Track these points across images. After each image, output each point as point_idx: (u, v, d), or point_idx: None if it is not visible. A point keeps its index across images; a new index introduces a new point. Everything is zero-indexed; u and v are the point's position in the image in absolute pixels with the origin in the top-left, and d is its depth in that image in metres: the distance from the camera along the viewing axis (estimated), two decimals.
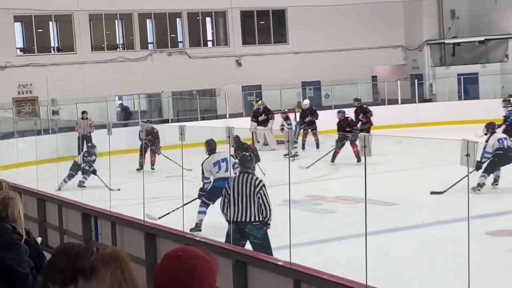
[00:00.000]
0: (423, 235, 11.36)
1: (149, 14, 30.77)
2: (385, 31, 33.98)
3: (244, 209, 8.53)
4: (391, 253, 10.07)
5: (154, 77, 29.75)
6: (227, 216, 8.71)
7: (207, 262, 2.55)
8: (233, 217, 8.52)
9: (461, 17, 34.13)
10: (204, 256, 2.56)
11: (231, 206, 8.54)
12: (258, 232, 8.56)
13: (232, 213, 8.54)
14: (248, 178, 8.65)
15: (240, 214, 8.54)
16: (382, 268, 8.67)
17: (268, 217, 8.56)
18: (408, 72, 34.32)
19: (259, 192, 8.51)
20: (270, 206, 8.58)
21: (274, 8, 32.72)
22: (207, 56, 31.24)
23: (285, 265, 6.11)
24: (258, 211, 8.53)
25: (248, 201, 8.52)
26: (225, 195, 8.73)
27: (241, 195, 8.54)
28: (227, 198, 8.67)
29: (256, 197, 8.50)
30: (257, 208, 8.52)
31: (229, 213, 8.59)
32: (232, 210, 8.54)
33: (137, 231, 8.14)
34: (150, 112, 31.60)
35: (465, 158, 4.50)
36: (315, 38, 32.41)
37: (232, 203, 8.53)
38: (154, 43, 31.39)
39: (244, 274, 6.43)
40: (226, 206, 8.69)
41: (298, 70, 32.00)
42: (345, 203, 13.50)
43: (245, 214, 8.54)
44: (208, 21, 32.67)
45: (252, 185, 8.57)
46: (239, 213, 8.54)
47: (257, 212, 8.53)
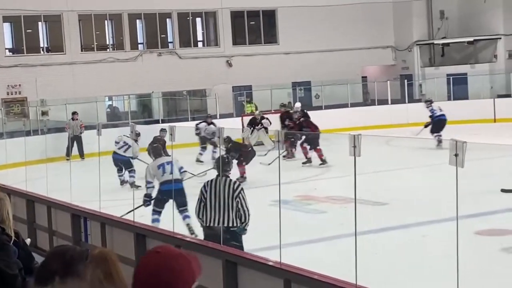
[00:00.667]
0: (413, 234, 11.39)
1: (139, 14, 30.73)
2: (375, 31, 34.06)
3: (222, 214, 8.14)
4: (381, 252, 10.09)
5: (144, 78, 29.71)
6: (203, 221, 8.35)
7: (187, 261, 2.54)
8: (209, 222, 8.21)
9: (450, 18, 34.25)
10: (183, 254, 2.55)
11: (207, 211, 8.21)
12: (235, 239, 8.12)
13: (208, 217, 8.23)
14: (226, 181, 8.27)
15: (217, 219, 8.15)
16: (372, 268, 8.69)
17: (246, 222, 8.18)
18: (397, 73, 34.41)
19: (238, 196, 8.13)
20: (249, 210, 8.19)
21: (264, 9, 32.74)
22: (197, 56, 31.22)
23: (275, 265, 6.10)
24: (236, 215, 8.15)
25: (226, 205, 8.14)
26: (201, 199, 8.31)
27: (218, 199, 8.17)
28: (203, 202, 8.27)
29: (234, 201, 8.12)
30: (235, 212, 8.14)
31: (205, 218, 8.27)
32: (208, 214, 8.22)
33: (127, 232, 8.12)
34: (140, 113, 31.56)
35: (454, 158, 4.51)
36: (305, 39, 32.45)
37: (209, 207, 8.20)
38: (144, 43, 31.35)
39: (234, 275, 6.42)
40: (202, 210, 8.31)
41: (288, 71, 32.03)
42: (335, 203, 13.53)
43: (222, 218, 8.14)
44: (198, 21, 32.66)
45: (230, 188, 8.19)
46: (216, 218, 8.17)
47: (235, 216, 8.16)
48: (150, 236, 7.78)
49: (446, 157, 4.63)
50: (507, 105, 28.50)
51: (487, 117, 28.12)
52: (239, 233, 8.24)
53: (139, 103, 32.20)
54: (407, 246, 10.65)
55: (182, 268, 2.49)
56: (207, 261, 6.85)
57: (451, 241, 5.11)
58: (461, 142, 4.48)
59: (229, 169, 8.64)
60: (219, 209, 8.14)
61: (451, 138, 4.53)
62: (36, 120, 25.21)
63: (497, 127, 26.21)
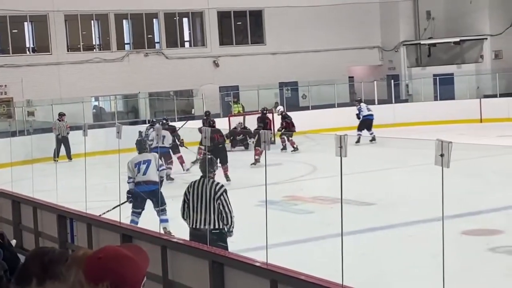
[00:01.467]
0: (400, 234, 11.42)
1: (125, 14, 30.64)
2: (362, 32, 34.12)
3: (203, 215, 8.00)
4: (368, 252, 10.10)
5: (130, 78, 29.64)
6: (188, 222, 8.25)
7: (132, 261, 2.49)
8: (193, 224, 8.11)
9: (437, 18, 34.37)
10: (127, 255, 2.50)
11: (191, 212, 8.12)
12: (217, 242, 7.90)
13: (192, 219, 8.13)
14: (208, 183, 8.06)
15: (199, 221, 8.04)
16: (358, 268, 8.69)
17: (229, 224, 8.03)
18: (384, 73, 34.49)
19: (220, 198, 7.97)
20: (232, 213, 8.03)
21: (251, 9, 32.73)
22: (184, 56, 31.16)
23: (262, 265, 6.09)
24: (218, 217, 7.99)
25: (207, 207, 7.99)
26: (185, 200, 8.21)
27: (200, 200, 8.04)
28: (186, 203, 8.18)
29: (216, 203, 7.97)
30: (217, 214, 7.98)
31: (189, 219, 8.18)
32: (191, 216, 8.12)
33: (113, 233, 8.08)
34: (126, 113, 31.47)
35: (440, 158, 4.51)
36: (292, 39, 32.47)
37: (192, 209, 8.10)
38: (130, 43, 31.27)
39: (221, 275, 6.41)
40: (186, 211, 8.22)
41: (275, 71, 32.04)
42: (322, 203, 13.54)
43: (204, 220, 7.99)
44: (185, 21, 32.61)
45: (212, 190, 8.03)
46: (198, 220, 8.05)
47: (217, 218, 7.99)
48: (136, 237, 7.75)
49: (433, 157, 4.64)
50: (493, 105, 28.64)
51: (473, 117, 28.25)
52: (226, 235, 8.13)
53: (125, 103, 32.11)
54: (393, 246, 10.67)
55: (126, 271, 2.45)
56: (194, 261, 6.84)
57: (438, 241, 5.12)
58: (447, 142, 4.48)
59: (212, 170, 8.44)
60: (201, 211, 8.02)
61: (437, 138, 4.53)
62: (22, 121, 25.10)
63: (483, 127, 26.33)
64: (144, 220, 10.83)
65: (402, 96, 33.27)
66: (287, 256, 9.32)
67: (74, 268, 2.68)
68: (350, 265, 5.53)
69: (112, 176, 17.47)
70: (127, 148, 17.28)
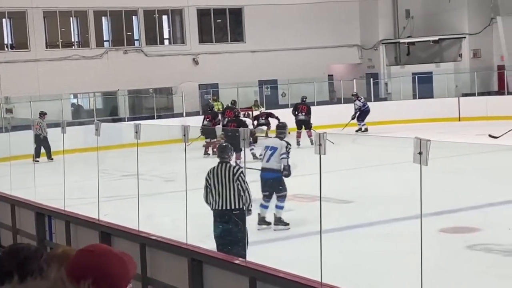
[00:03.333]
0: (378, 232, 11.47)
1: (104, 11, 30.50)
2: (341, 30, 34.20)
3: (225, 197, 8.80)
4: (347, 250, 10.14)
5: (110, 75, 29.51)
6: (211, 205, 9.00)
7: (122, 260, 2.49)
8: (215, 206, 8.87)
9: (416, 17, 34.53)
10: (116, 253, 2.51)
11: (213, 196, 8.88)
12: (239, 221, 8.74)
13: (214, 202, 8.88)
14: (226, 167, 8.93)
15: (222, 203, 8.82)
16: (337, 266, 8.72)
17: (248, 202, 8.83)
18: (363, 71, 34.61)
19: (238, 179, 8.76)
20: (250, 191, 8.84)
21: (230, 7, 32.70)
22: (163, 54, 31.08)
23: (241, 263, 6.10)
24: (238, 197, 8.77)
25: (228, 188, 8.79)
26: (206, 185, 8.98)
27: (221, 183, 8.83)
28: (208, 188, 8.94)
29: (235, 183, 8.76)
30: (238, 194, 8.76)
31: (212, 202, 8.91)
32: (213, 199, 8.88)
33: (92, 231, 8.06)
34: (105, 111, 31.31)
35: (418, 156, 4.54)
36: (272, 37, 32.49)
37: (214, 192, 8.86)
38: (110, 40, 31.13)
39: (200, 273, 6.41)
40: (208, 196, 8.97)
41: (255, 69, 32.04)
42: (301, 201, 13.55)
43: (226, 202, 8.80)
44: (165, 19, 32.53)
45: (230, 172, 8.86)
46: (221, 202, 8.83)
47: (238, 198, 8.77)
48: (115, 234, 7.73)
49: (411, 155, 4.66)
50: (471, 104, 28.83)
51: (452, 115, 28.43)
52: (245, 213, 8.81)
53: (104, 101, 31.96)
54: (372, 243, 10.71)
55: (115, 267, 2.45)
56: (173, 259, 6.83)
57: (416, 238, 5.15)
58: (425, 140, 4.51)
59: (227, 156, 9.10)
60: (223, 193, 8.81)
61: (415, 136, 4.56)
62: (0, 118, 24.90)
63: (461, 126, 26.50)
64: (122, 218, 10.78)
65: (381, 94, 33.40)
66: (266, 254, 9.35)
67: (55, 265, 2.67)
68: (329, 262, 5.55)
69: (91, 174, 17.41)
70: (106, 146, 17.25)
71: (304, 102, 24.43)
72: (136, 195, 8.72)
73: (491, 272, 9.10)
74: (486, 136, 22.01)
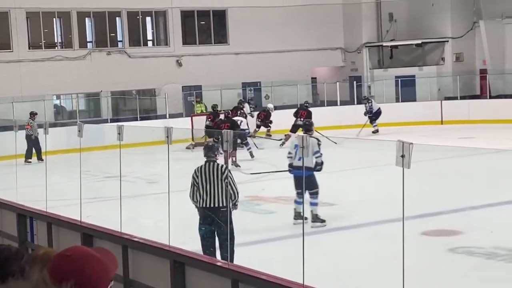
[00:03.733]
0: (361, 234, 11.51)
1: (88, 12, 30.39)
2: (325, 33, 34.27)
3: (213, 195, 9.00)
4: (329, 252, 10.16)
5: (93, 76, 29.39)
6: (197, 203, 9.15)
7: (100, 261, 2.47)
8: (202, 204, 9.05)
9: (399, 21, 34.68)
10: (95, 255, 2.48)
11: (200, 194, 9.06)
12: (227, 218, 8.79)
13: (201, 200, 9.06)
14: (214, 166, 9.15)
15: (210, 200, 9.01)
16: (319, 268, 8.74)
17: (236, 198, 9.08)
18: (347, 74, 34.71)
19: (227, 177, 8.99)
20: (237, 189, 9.11)
21: (214, 9, 32.68)
22: (147, 55, 31.01)
23: (223, 265, 6.10)
24: (226, 195, 8.98)
25: (216, 187, 9.00)
26: (193, 183, 9.16)
27: (208, 182, 9.03)
28: (195, 186, 9.12)
29: (224, 182, 8.98)
30: (225, 192, 8.97)
31: (199, 200, 9.08)
32: (201, 197, 9.06)
33: (74, 232, 8.02)
34: (88, 112, 31.19)
35: (400, 159, 4.55)
36: (255, 39, 32.50)
37: (201, 191, 9.05)
38: (93, 42, 31.01)
39: (182, 275, 6.39)
40: (195, 194, 9.15)
41: (238, 71, 32.04)
42: (284, 204, 13.57)
43: (214, 199, 9.00)
44: (148, 20, 32.45)
45: (219, 171, 9.09)
46: (208, 200, 9.01)
47: (225, 196, 8.98)
48: (97, 236, 7.70)
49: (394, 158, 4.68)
50: (454, 107, 29.01)
51: (434, 119, 28.58)
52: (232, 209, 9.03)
53: (87, 102, 31.83)
54: (354, 246, 10.75)
55: (94, 270, 2.43)
56: (155, 261, 6.81)
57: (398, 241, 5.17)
58: (408, 143, 4.53)
59: (213, 155, 9.31)
60: (211, 191, 9.01)
61: (398, 139, 4.58)
62: None
63: (444, 129, 26.64)
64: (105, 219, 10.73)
65: None
66: (249, 256, 9.34)
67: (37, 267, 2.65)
68: (311, 265, 5.56)
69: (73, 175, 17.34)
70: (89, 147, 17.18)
71: (304, 108, 24.70)
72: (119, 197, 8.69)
73: (473, 275, 9.15)
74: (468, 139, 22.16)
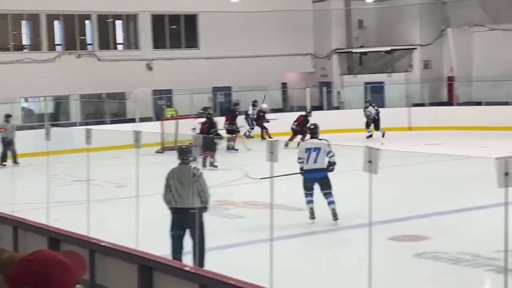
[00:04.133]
0: (329, 239, 11.56)
1: (57, 15, 30.14)
2: (295, 39, 34.37)
3: (184, 197, 9.21)
4: (298, 257, 10.19)
5: (62, 79, 29.13)
6: (170, 204, 9.35)
7: (64, 265, 2.43)
8: (174, 205, 9.27)
9: (369, 27, 34.92)
10: (60, 260, 2.45)
11: (173, 195, 9.27)
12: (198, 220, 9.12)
13: (173, 201, 9.28)
14: (187, 168, 9.37)
15: (181, 202, 9.21)
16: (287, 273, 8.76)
17: (207, 201, 9.30)
18: (317, 80, 34.82)
19: (198, 180, 9.22)
20: (208, 191, 9.31)
21: (185, 13, 32.61)
22: (117, 59, 30.82)
23: (191, 270, 6.09)
24: (197, 197, 9.19)
25: (187, 189, 9.21)
26: (166, 185, 9.35)
27: (181, 184, 9.24)
28: (168, 187, 9.33)
29: (195, 184, 9.18)
30: (197, 194, 9.18)
31: (172, 201, 9.30)
32: (173, 198, 9.27)
33: (41, 236, 7.95)
34: (57, 115, 30.92)
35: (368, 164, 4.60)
36: (226, 44, 32.49)
37: (174, 192, 9.25)
38: (62, 44, 30.75)
39: (150, 280, 6.37)
40: (167, 195, 9.37)
41: (209, 76, 31.97)
42: (253, 208, 13.59)
43: (185, 201, 9.20)
44: (119, 24, 32.28)
45: (191, 174, 9.29)
46: (180, 201, 9.22)
47: (197, 198, 9.19)
48: (64, 240, 7.65)
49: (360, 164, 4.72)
50: (422, 114, 29.26)
51: (403, 125, 28.80)
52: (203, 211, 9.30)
53: (56, 105, 31.55)
54: (322, 250, 10.79)
55: (56, 275, 2.39)
56: (122, 265, 6.78)
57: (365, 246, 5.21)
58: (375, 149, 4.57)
59: (186, 158, 9.53)
60: (183, 193, 9.22)
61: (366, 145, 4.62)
62: None
63: (412, 135, 26.85)
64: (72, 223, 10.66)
65: (334, 103, 33.65)
66: (217, 261, 9.34)
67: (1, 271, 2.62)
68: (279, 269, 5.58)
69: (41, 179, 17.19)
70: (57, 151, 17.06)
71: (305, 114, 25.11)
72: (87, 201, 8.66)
73: (439, 280, 9.24)
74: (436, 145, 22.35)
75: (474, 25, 31.56)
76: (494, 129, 26.93)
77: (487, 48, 31.23)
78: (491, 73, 30.06)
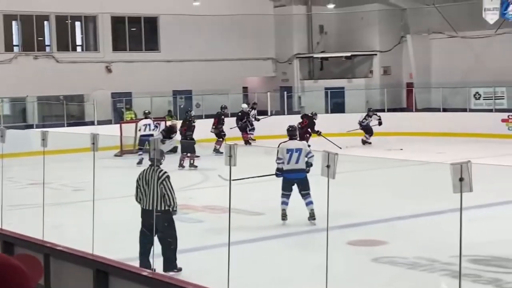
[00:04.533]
0: (287, 244, 11.56)
1: (15, 15, 29.74)
2: (257, 43, 34.42)
3: (151, 199, 9.33)
4: (256, 261, 10.16)
5: (18, 81, 28.71)
6: (141, 205, 9.52)
7: (17, 270, 2.37)
8: (142, 206, 9.47)
9: (330, 33, 35.12)
10: (15, 264, 2.38)
11: (142, 196, 9.45)
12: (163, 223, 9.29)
13: (142, 202, 9.46)
14: (154, 170, 9.41)
15: (148, 203, 9.34)
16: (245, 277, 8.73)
17: (172, 204, 9.35)
18: (278, 84, 34.91)
19: (162, 183, 9.27)
20: (174, 195, 9.35)
21: (146, 15, 32.44)
22: (75, 61, 30.52)
23: (149, 275, 6.02)
24: (162, 200, 9.30)
25: (153, 191, 9.32)
26: (137, 186, 9.54)
27: (148, 185, 9.39)
28: (138, 188, 9.51)
29: (159, 187, 9.27)
30: (161, 197, 9.28)
31: (141, 202, 9.49)
32: (141, 200, 9.48)
33: None
34: (13, 117, 30.47)
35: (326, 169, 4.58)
36: (187, 47, 32.39)
37: (143, 193, 9.43)
38: (19, 45, 30.34)
39: (105, 285, 6.28)
40: (138, 195, 9.54)
41: (169, 79, 31.82)
42: (212, 212, 13.54)
43: (152, 203, 9.30)
44: (78, 25, 31.95)
45: (156, 176, 9.34)
46: (147, 202, 9.36)
47: (162, 201, 9.30)
48: (18, 244, 7.51)
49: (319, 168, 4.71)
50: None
51: None
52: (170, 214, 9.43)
53: (12, 107, 31.09)
54: (281, 255, 10.78)
55: (12, 280, 2.33)
56: (77, 270, 6.68)
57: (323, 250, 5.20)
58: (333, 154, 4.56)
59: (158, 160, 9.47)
60: (149, 194, 9.36)
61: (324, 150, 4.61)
62: None
63: (371, 140, 27.02)
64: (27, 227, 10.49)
65: (295, 108, 33.73)
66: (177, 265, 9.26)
67: None
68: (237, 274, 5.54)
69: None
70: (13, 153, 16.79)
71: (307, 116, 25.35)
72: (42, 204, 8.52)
73: (395, 285, 9.29)
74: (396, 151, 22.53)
75: (433, 32, 31.96)
76: (452, 135, 27.28)
77: (445, 55, 31.64)
78: (450, 79, 30.45)
